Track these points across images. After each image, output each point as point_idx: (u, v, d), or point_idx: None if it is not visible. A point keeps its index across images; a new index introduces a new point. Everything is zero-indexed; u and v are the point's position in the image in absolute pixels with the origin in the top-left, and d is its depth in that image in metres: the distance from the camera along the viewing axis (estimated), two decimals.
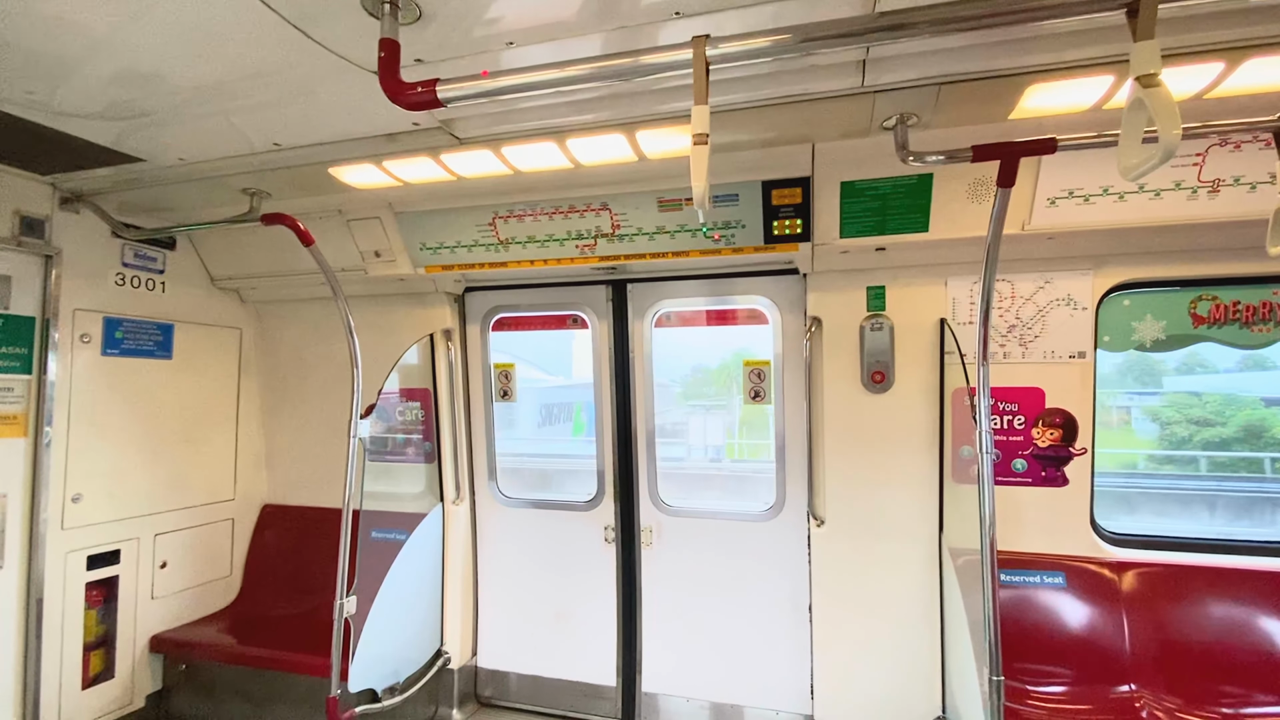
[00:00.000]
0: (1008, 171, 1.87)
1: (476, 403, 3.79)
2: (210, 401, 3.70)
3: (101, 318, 3.14)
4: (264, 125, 2.30)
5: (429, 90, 1.53)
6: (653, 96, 2.06)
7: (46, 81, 2.00)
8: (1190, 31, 1.66)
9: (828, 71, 1.90)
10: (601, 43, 1.75)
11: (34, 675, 2.83)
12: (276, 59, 1.85)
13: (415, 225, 3.09)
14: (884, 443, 2.93)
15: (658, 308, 3.48)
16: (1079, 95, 1.97)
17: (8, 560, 2.78)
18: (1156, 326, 2.75)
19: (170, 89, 2.03)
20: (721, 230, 2.80)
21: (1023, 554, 2.78)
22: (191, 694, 3.34)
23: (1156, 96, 1.11)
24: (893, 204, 2.56)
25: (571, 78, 1.48)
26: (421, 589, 3.48)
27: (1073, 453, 2.74)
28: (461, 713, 3.59)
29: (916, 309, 2.90)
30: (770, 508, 3.30)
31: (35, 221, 2.86)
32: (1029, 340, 2.78)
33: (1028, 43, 1.73)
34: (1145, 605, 2.63)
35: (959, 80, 1.90)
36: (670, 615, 3.45)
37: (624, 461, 3.54)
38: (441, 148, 2.41)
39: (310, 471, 3.95)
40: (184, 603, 3.52)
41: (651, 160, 2.49)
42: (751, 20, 1.64)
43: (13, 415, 2.80)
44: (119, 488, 3.21)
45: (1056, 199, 2.40)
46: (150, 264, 3.37)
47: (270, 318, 4.00)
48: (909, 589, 2.89)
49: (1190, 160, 2.24)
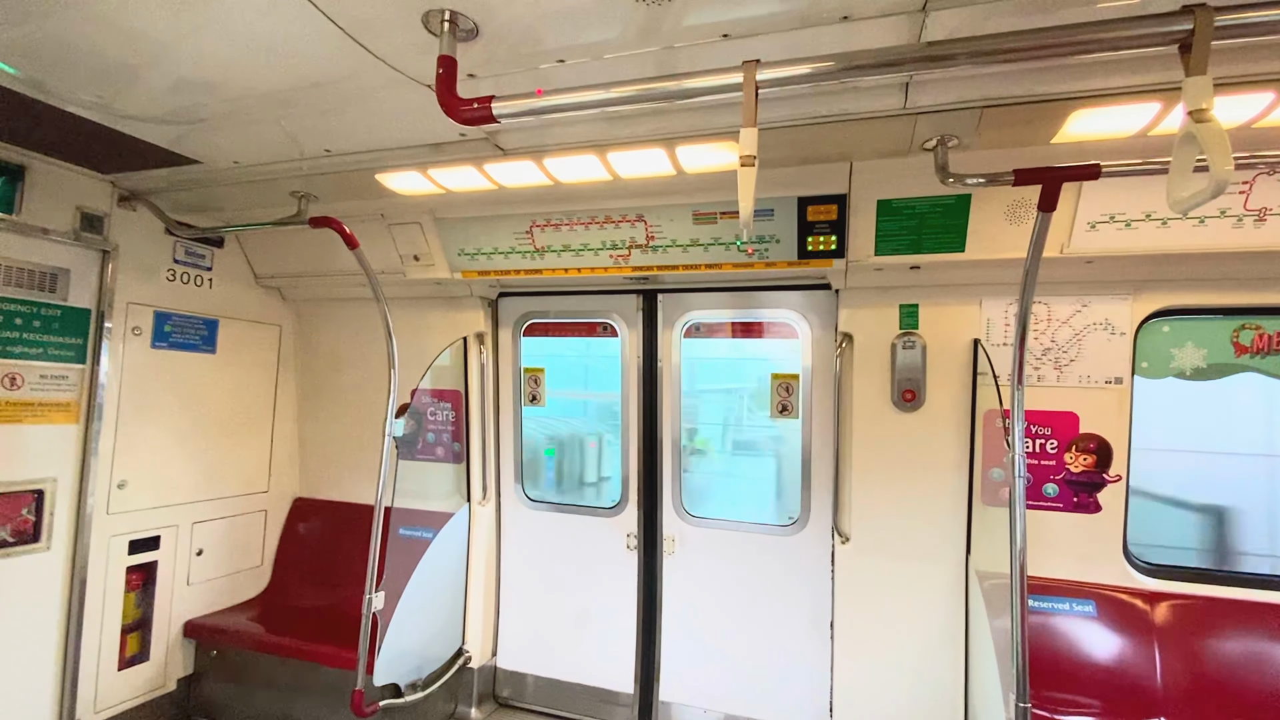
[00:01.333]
0: (1049, 196, 1.87)
1: (505, 405, 3.85)
2: (249, 396, 3.82)
3: (152, 312, 3.26)
4: (317, 132, 2.38)
5: (485, 107, 1.59)
6: (696, 113, 2.09)
7: (113, 86, 2.10)
8: (1240, 62, 1.65)
9: (870, 93, 1.92)
10: (649, 61, 1.79)
11: (74, 654, 2.94)
12: (335, 70, 1.92)
13: (454, 231, 3.17)
14: (912, 462, 2.92)
15: (687, 318, 3.50)
16: (1124, 121, 1.96)
17: (55, 542, 2.89)
18: (1197, 354, 2.70)
19: (229, 96, 2.12)
20: (755, 244, 2.82)
21: (1052, 580, 2.75)
22: (221, 679, 3.43)
23: (1208, 131, 1.12)
24: (929, 223, 2.56)
25: (622, 98, 1.52)
26: (446, 587, 3.53)
27: (1106, 479, 2.70)
28: (480, 712, 3.63)
29: (950, 328, 2.89)
30: (794, 522, 3.29)
31: (95, 218, 2.99)
32: (1064, 364, 2.76)
33: (1074, 69, 1.73)
34: (1179, 638, 2.58)
35: (1002, 104, 1.91)
36: (690, 625, 3.46)
37: (649, 469, 3.56)
38: (485, 158, 2.47)
39: (341, 467, 4.04)
40: (217, 590, 3.62)
41: (688, 174, 2.53)
42: (797, 43, 1.66)
43: (66, 403, 2.92)
44: (161, 476, 3.32)
45: (1097, 223, 2.38)
46: (199, 261, 3.50)
47: (309, 316, 4.12)
48: (933, 610, 2.87)
49: (1237, 189, 2.21)
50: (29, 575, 2.81)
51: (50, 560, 2.88)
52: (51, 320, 2.85)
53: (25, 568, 2.79)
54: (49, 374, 2.84)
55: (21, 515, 2.79)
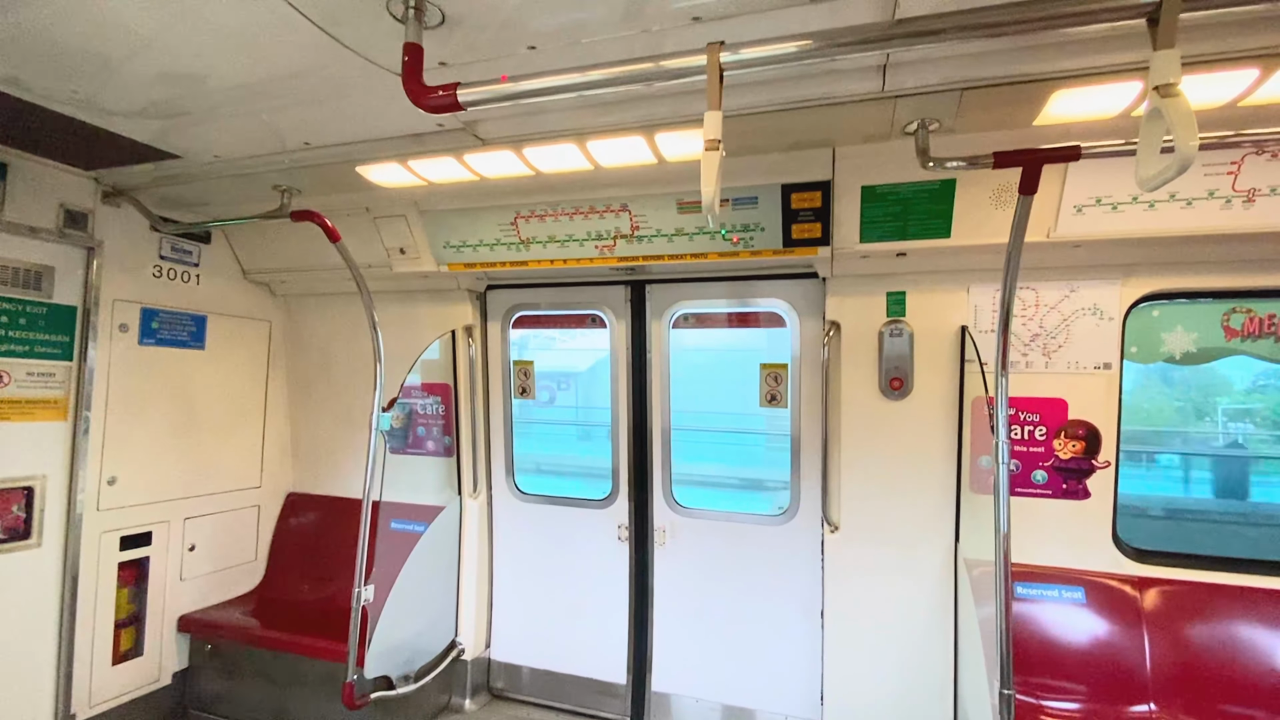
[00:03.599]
0: (1030, 179, 1.85)
1: (495, 398, 3.84)
2: (240, 391, 3.82)
3: (139, 308, 3.26)
4: (295, 125, 2.36)
5: (450, 94, 1.57)
6: (673, 100, 2.07)
7: (92, 81, 2.08)
8: (1222, 38, 1.62)
9: (848, 76, 1.89)
10: (623, 48, 1.77)
11: (68, 649, 2.95)
12: (307, 62, 1.90)
13: (439, 223, 3.15)
14: (901, 450, 2.91)
15: (676, 309, 3.49)
16: (1106, 102, 1.93)
17: (47, 539, 2.90)
18: (1187, 338, 2.68)
19: (209, 89, 2.10)
20: (740, 233, 2.80)
21: (1041, 567, 2.73)
22: (215, 673, 3.45)
23: (1174, 107, 1.09)
24: (914, 209, 2.54)
25: (588, 82, 1.50)
26: (438, 580, 3.54)
27: (1095, 466, 2.69)
28: (474, 703, 3.64)
29: (937, 315, 2.86)
30: (784, 511, 3.29)
31: (79, 214, 2.99)
32: (1052, 350, 2.73)
33: (1052, 48, 1.71)
34: (1168, 624, 2.57)
35: (982, 85, 1.88)
36: (682, 615, 3.47)
37: (639, 461, 3.56)
38: (465, 148, 2.45)
39: (334, 462, 4.05)
40: (211, 585, 3.63)
41: (671, 163, 2.51)
42: (771, 26, 1.64)
43: (54, 399, 2.92)
44: (152, 472, 3.33)
45: (1083, 206, 2.35)
46: (186, 257, 3.49)
47: (299, 311, 4.11)
48: (923, 598, 2.86)
49: (1224, 168, 2.18)
50: (21, 572, 2.82)
51: (42, 557, 2.89)
52: (37, 318, 2.85)
53: (17, 565, 2.80)
54: (36, 371, 2.85)
55: (12, 513, 2.80)
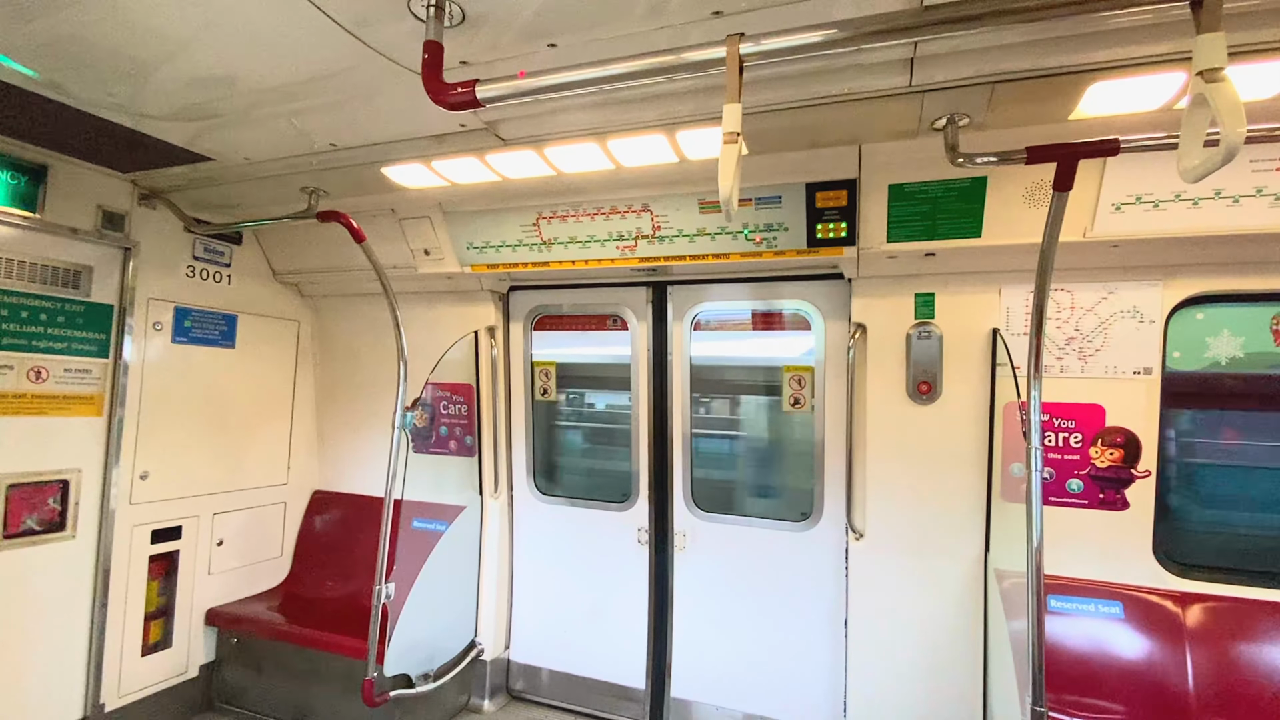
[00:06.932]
0: (1065, 174, 1.77)
1: (517, 399, 3.85)
2: (268, 390, 3.89)
3: (173, 307, 3.34)
4: (323, 126, 2.40)
5: (469, 90, 1.57)
6: (695, 98, 2.04)
7: (128, 85, 2.14)
8: (1269, 25, 1.54)
9: (874, 70, 1.85)
10: (644, 43, 1.75)
11: (99, 640, 3.03)
12: (334, 63, 1.93)
13: (463, 225, 3.17)
14: (929, 456, 2.83)
15: (698, 310, 3.45)
16: (1145, 95, 1.85)
17: (81, 531, 2.98)
18: (1234, 343, 2.56)
19: (239, 92, 2.15)
20: (763, 233, 2.76)
21: (1076, 580, 2.63)
22: (241, 666, 3.51)
23: (1220, 93, 1.03)
24: (944, 208, 2.47)
25: (605, 76, 1.49)
26: (458, 580, 3.55)
27: (1135, 475, 2.58)
28: (493, 704, 3.64)
29: (967, 318, 2.78)
30: (807, 518, 3.22)
31: (116, 216, 3.08)
32: (1089, 354, 2.63)
33: (1088, 38, 1.64)
34: (1213, 643, 2.44)
35: (1014, 79, 1.82)
36: (702, 621, 3.42)
37: (659, 464, 3.53)
38: (487, 148, 2.46)
39: (359, 460, 4.09)
40: (238, 580, 3.70)
41: (693, 162, 2.48)
42: (794, 18, 1.60)
43: (90, 395, 3.01)
44: (183, 468, 3.40)
45: (1122, 204, 2.26)
46: (218, 258, 3.57)
47: (327, 311, 4.18)
48: (950, 609, 2.77)
49: (1273, 164, 2.08)
50: (56, 563, 2.90)
51: (76, 549, 2.97)
52: (75, 316, 2.94)
53: (52, 556, 2.88)
54: (73, 368, 2.93)
55: (48, 505, 2.89)
